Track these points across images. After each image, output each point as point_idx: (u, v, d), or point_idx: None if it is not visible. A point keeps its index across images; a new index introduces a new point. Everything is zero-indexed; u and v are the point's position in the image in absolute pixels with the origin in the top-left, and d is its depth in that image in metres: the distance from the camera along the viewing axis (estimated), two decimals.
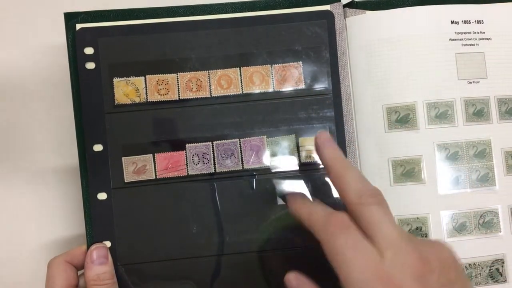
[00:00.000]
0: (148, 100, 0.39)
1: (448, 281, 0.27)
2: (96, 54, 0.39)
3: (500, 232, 0.39)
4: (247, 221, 0.39)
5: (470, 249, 0.39)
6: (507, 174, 0.40)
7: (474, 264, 0.39)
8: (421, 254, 0.27)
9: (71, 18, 0.39)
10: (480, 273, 0.39)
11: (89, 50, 0.39)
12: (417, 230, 0.39)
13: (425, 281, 0.26)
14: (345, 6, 0.41)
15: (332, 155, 0.32)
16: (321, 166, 0.39)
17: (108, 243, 0.38)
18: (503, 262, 0.39)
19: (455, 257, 0.28)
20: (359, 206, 0.29)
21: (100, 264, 0.36)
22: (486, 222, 0.39)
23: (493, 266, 0.39)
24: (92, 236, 0.38)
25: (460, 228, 0.39)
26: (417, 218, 0.39)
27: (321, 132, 0.34)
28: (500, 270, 0.39)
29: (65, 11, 0.38)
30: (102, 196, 0.38)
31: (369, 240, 0.28)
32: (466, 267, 0.38)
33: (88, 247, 0.37)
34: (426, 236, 0.39)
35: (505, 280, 0.39)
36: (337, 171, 0.31)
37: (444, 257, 0.28)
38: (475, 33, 0.40)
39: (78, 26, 0.38)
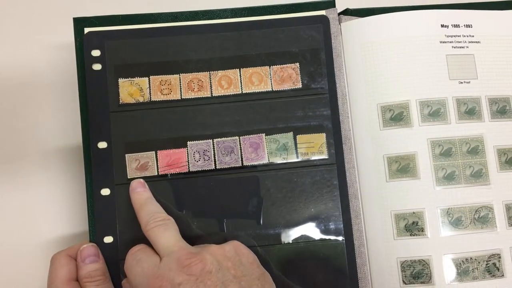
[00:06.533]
0: (151, 100, 0.40)
1: (219, 266, 0.33)
2: (103, 56, 0.40)
3: (496, 227, 0.40)
4: (247, 217, 0.40)
5: (467, 243, 0.39)
6: (500, 170, 0.41)
7: (471, 258, 0.39)
8: (190, 253, 0.33)
9: (79, 23, 0.41)
10: (477, 268, 0.39)
11: (96, 52, 0.40)
12: (413, 225, 0.39)
13: (189, 269, 0.32)
14: (339, 14, 0.44)
15: (133, 198, 0.38)
16: (318, 162, 0.40)
17: (110, 239, 0.39)
18: (499, 257, 0.39)
19: (237, 251, 0.35)
20: (146, 232, 0.36)
21: (91, 263, 0.37)
22: (481, 217, 0.40)
23: (489, 260, 0.39)
24: (95, 232, 0.39)
25: (456, 223, 0.39)
26: (413, 213, 0.39)
27: (134, 181, 0.39)
28: (497, 265, 0.39)
29: (74, 15, 0.41)
30: (105, 192, 0.39)
31: (156, 254, 0.35)
32: (463, 261, 0.39)
33: (90, 242, 0.38)
34: (422, 231, 0.39)
35: (503, 275, 0.39)
36: (136, 211, 0.38)
37: (221, 251, 0.34)
38: (464, 36, 0.42)
39: (86, 29, 0.41)
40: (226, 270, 0.33)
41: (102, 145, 0.40)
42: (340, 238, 0.40)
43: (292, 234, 0.40)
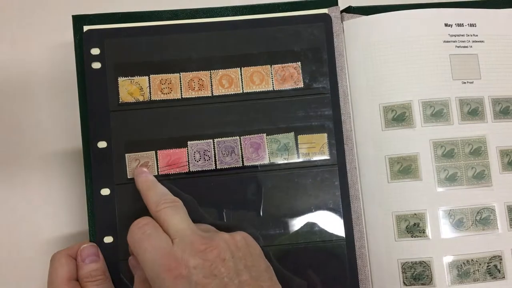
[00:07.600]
0: (151, 99, 0.40)
1: (232, 255, 0.33)
2: (102, 55, 0.40)
3: (497, 229, 0.40)
4: (247, 217, 0.39)
5: (468, 245, 0.39)
6: (502, 172, 0.40)
7: (472, 260, 0.39)
8: (204, 238, 0.33)
9: (79, 20, 0.40)
10: (478, 270, 0.39)
11: (95, 51, 0.40)
12: (415, 226, 0.39)
13: (204, 255, 0.32)
14: (342, 11, 0.43)
15: (140, 181, 0.38)
16: (319, 163, 0.40)
17: (110, 238, 0.39)
18: (500, 259, 0.39)
19: (247, 242, 0.35)
20: (156, 213, 0.35)
21: (91, 262, 0.37)
22: (483, 219, 0.40)
23: (491, 262, 0.39)
24: (95, 231, 0.39)
25: (457, 225, 0.39)
26: (415, 214, 0.39)
27: (137, 168, 0.39)
28: (498, 267, 0.39)
29: (74, 13, 0.40)
30: (105, 191, 0.39)
31: (165, 233, 0.34)
32: (464, 263, 0.39)
33: (90, 242, 0.38)
34: (423, 232, 0.39)
35: (503, 277, 0.39)
36: (144, 193, 0.37)
37: (233, 241, 0.34)
38: (468, 35, 0.42)
39: (86, 27, 0.40)
40: (238, 259, 0.33)
41: (102, 144, 0.39)
42: (341, 239, 0.39)
43: (292, 235, 0.39)
